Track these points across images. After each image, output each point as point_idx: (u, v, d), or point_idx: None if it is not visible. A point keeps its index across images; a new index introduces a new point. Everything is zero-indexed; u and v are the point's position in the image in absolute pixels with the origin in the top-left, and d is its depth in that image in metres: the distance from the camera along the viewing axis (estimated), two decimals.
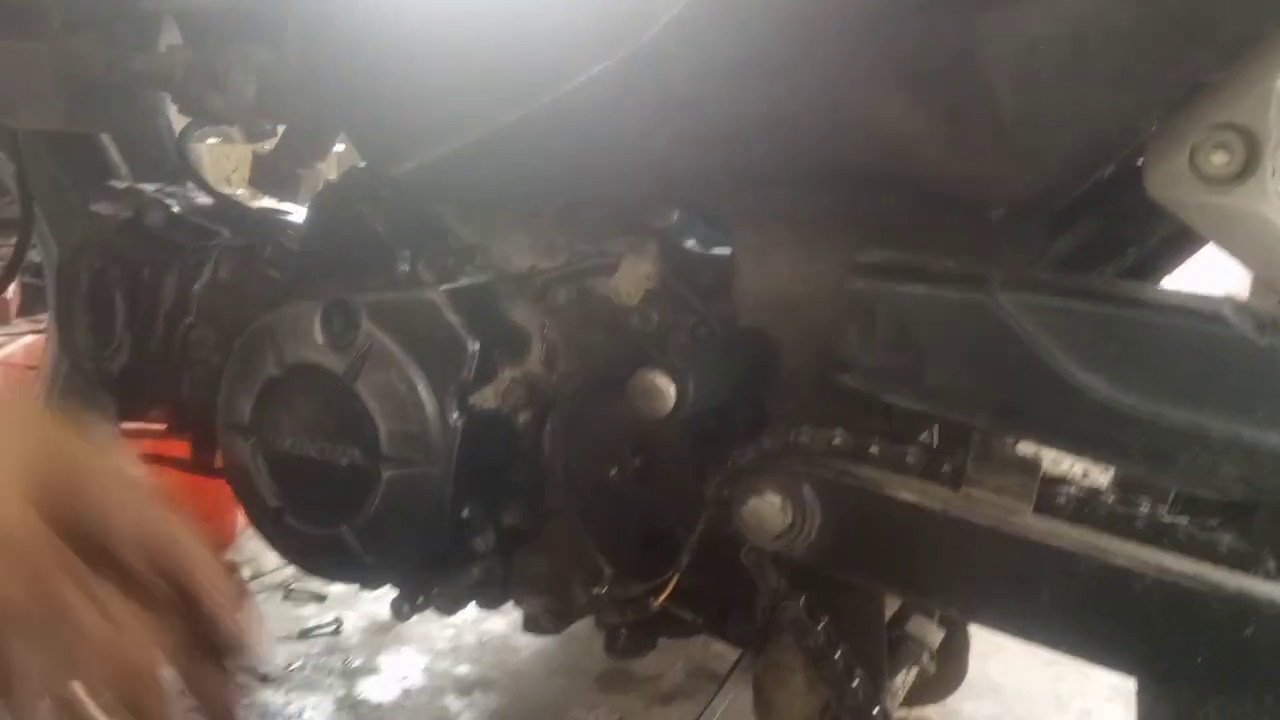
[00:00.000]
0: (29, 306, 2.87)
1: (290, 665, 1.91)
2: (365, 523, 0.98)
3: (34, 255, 1.60)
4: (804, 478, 0.84)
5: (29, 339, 2.44)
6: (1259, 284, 0.73)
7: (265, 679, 1.86)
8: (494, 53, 0.84)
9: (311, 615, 2.01)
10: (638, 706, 1.92)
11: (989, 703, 2.04)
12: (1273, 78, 0.64)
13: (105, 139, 1.44)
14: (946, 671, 1.18)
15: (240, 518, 1.12)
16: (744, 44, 0.75)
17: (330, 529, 1.00)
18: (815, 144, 0.80)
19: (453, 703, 1.88)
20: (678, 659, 2.02)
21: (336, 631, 1.97)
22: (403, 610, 1.01)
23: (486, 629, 2.10)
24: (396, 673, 1.94)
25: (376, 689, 1.88)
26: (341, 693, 1.86)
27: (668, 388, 0.79)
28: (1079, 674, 1.83)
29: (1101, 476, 1.03)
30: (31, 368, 2.15)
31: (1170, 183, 0.68)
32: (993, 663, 2.10)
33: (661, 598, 0.95)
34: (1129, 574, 0.74)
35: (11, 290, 2.78)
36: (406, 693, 1.89)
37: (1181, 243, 0.85)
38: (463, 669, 1.99)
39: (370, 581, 1.04)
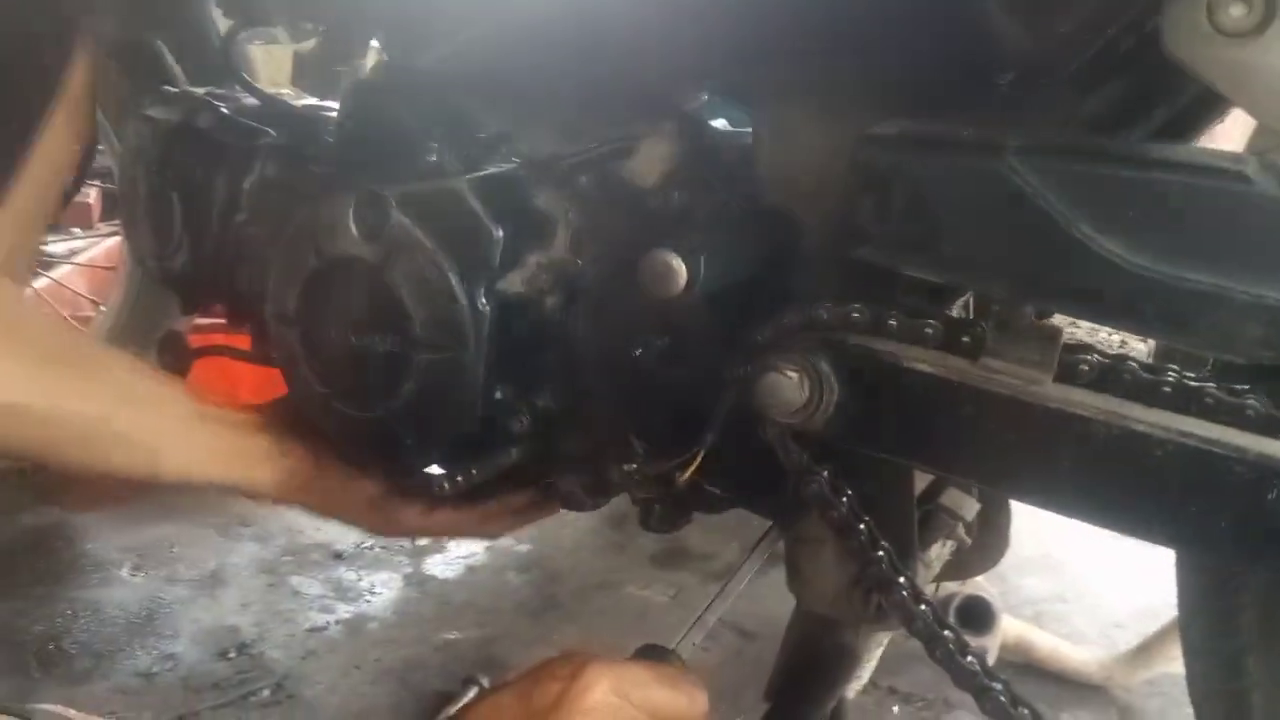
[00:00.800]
0: (110, 211, 2.95)
1: (361, 544, 1.99)
2: (404, 406, 1.01)
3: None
4: (821, 352, 0.84)
5: (110, 242, 2.52)
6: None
7: (338, 556, 1.95)
8: None
9: None
10: (692, 582, 1.97)
11: (1051, 578, 2.05)
12: None
13: (160, 46, 1.47)
14: (986, 544, 1.19)
15: None
16: None
17: (372, 413, 1.03)
18: (824, 9, 0.78)
19: (513, 578, 1.95)
20: (732, 538, 2.06)
21: None
22: (444, 486, 1.04)
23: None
24: (460, 552, 2.02)
25: (441, 566, 1.97)
26: (409, 570, 1.94)
27: (679, 267, 0.79)
28: (1142, 552, 1.82)
29: (1142, 346, 1.01)
30: (111, 268, 2.23)
31: (1188, 38, 0.65)
32: (1054, 539, 2.10)
33: (687, 474, 0.96)
34: (1149, 440, 0.73)
35: (93, 195, 2.85)
36: (470, 569, 1.97)
37: (1212, 102, 0.82)
38: (523, 548, 2.06)
39: (412, 460, 1.07)
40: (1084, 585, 2.04)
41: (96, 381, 0.98)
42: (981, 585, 1.61)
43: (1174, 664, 1.63)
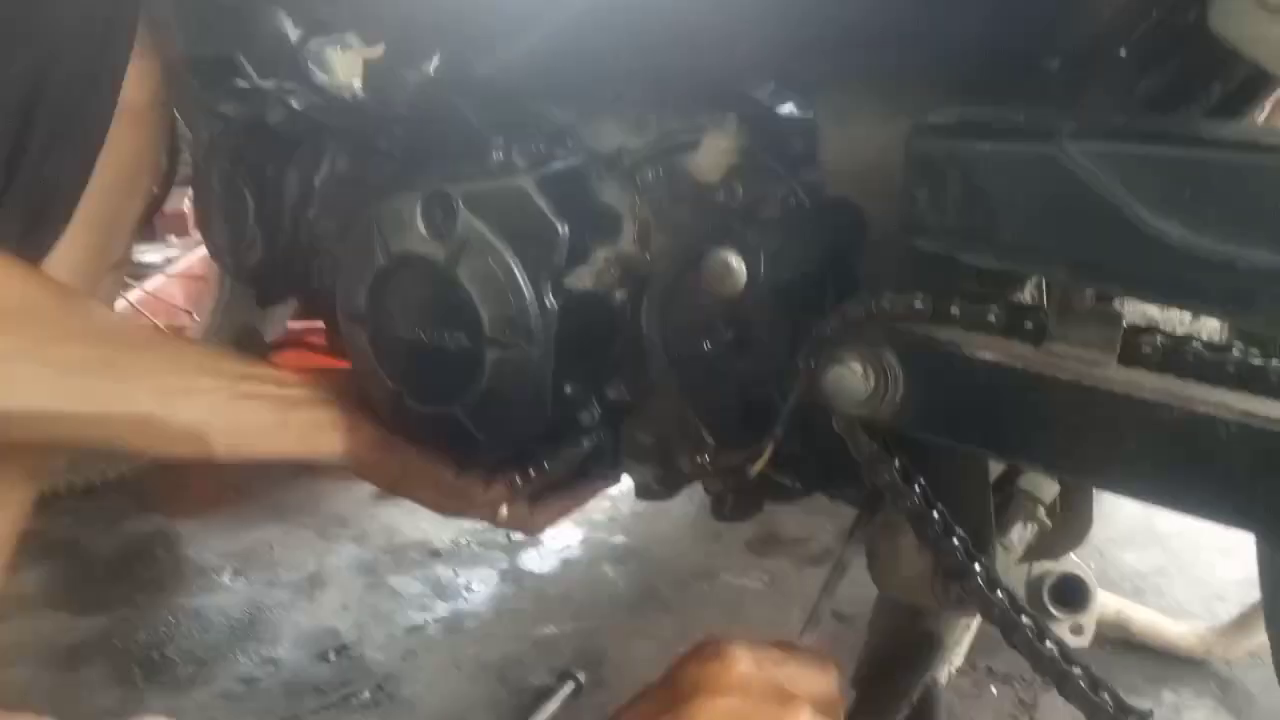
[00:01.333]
0: None
1: (458, 540, 2.04)
2: (475, 402, 1.04)
3: None
4: (885, 342, 0.84)
5: (204, 250, 2.59)
6: None
7: (435, 554, 1.99)
8: None
9: None
10: (787, 568, 1.98)
11: (1152, 552, 2.02)
12: None
13: (239, 56, 1.51)
14: (1069, 524, 1.17)
15: None
16: None
17: (444, 409, 1.06)
18: (868, 7, 0.78)
19: (609, 570, 1.98)
20: (826, 520, 2.07)
21: None
22: (517, 483, 1.06)
23: (639, 503, 2.19)
24: (556, 545, 2.05)
25: (537, 561, 2.00)
26: (505, 565, 1.98)
27: (739, 267, 0.80)
28: None
29: (1214, 323, 0.99)
30: (203, 277, 2.30)
31: (1233, 16, 0.64)
32: (1156, 512, 2.05)
33: (757, 466, 0.97)
34: (1213, 421, 0.72)
35: (187, 202, 2.94)
36: (566, 563, 2.00)
37: (1266, 77, 0.80)
38: (618, 539, 2.08)
39: (485, 456, 1.09)
40: (1185, 557, 2.00)
41: (134, 375, 1.01)
42: (1077, 562, 1.59)
43: None
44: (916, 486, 0.91)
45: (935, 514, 0.92)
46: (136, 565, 1.98)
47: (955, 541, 0.92)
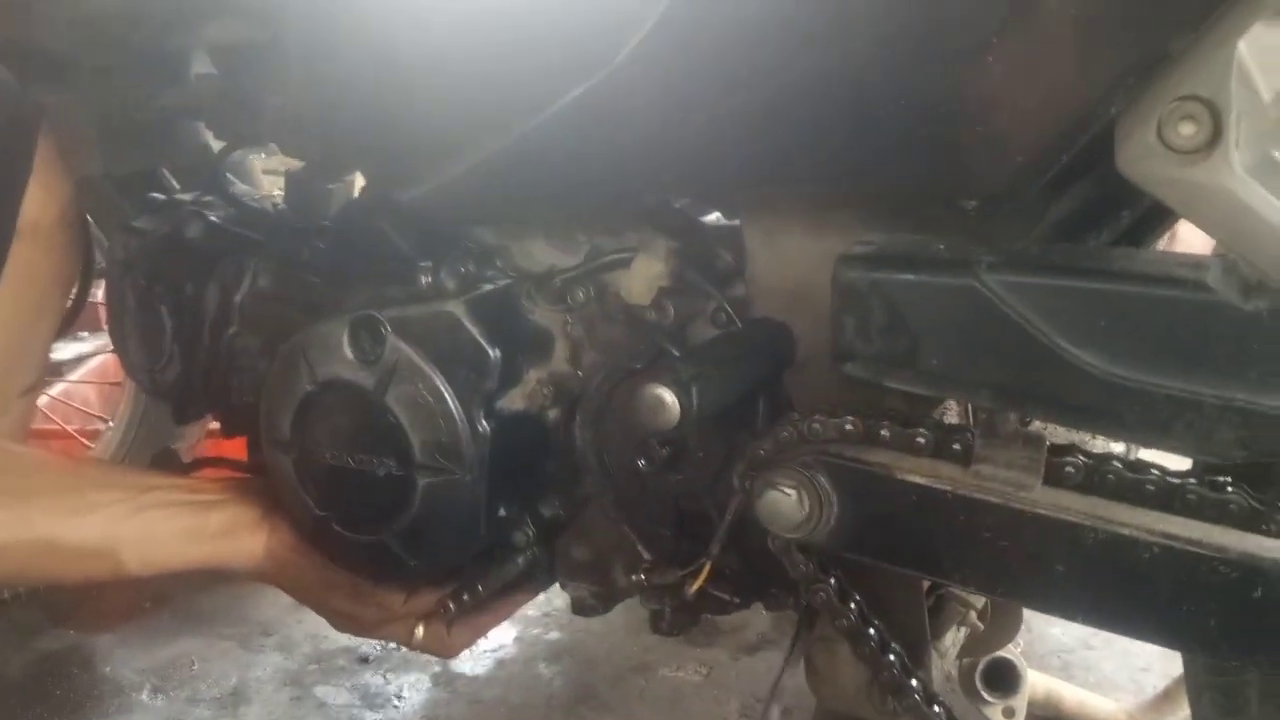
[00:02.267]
0: None
1: (387, 646, 1.99)
2: (405, 528, 1.02)
3: None
4: (819, 466, 0.85)
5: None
6: None
7: (364, 660, 1.95)
8: (477, 84, 0.86)
9: None
10: (724, 658, 1.97)
11: (1074, 626, 2.03)
12: (1231, 45, 0.62)
13: (162, 171, 1.49)
14: (999, 623, 1.19)
15: None
16: (714, 59, 0.76)
17: (373, 535, 1.04)
18: (795, 145, 0.81)
19: (544, 670, 1.95)
20: (761, 608, 2.06)
21: None
22: (450, 607, 1.05)
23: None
24: (489, 645, 2.01)
25: (470, 663, 1.96)
26: (437, 669, 1.94)
27: (672, 402, 0.81)
28: None
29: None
30: (117, 383, 2.24)
31: (1140, 157, 0.67)
32: None
33: (695, 585, 0.97)
34: (1136, 543, 0.74)
35: (100, 294, 2.87)
36: (500, 663, 1.97)
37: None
38: (553, 635, 2.06)
39: (416, 582, 1.08)
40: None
41: (29, 499, 0.99)
42: (1007, 647, 1.61)
43: None
44: (853, 604, 0.92)
45: (871, 630, 0.92)
46: (50, 684, 1.90)
47: (892, 657, 0.93)
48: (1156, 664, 1.90)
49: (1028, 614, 2.08)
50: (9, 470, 0.99)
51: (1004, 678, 1.59)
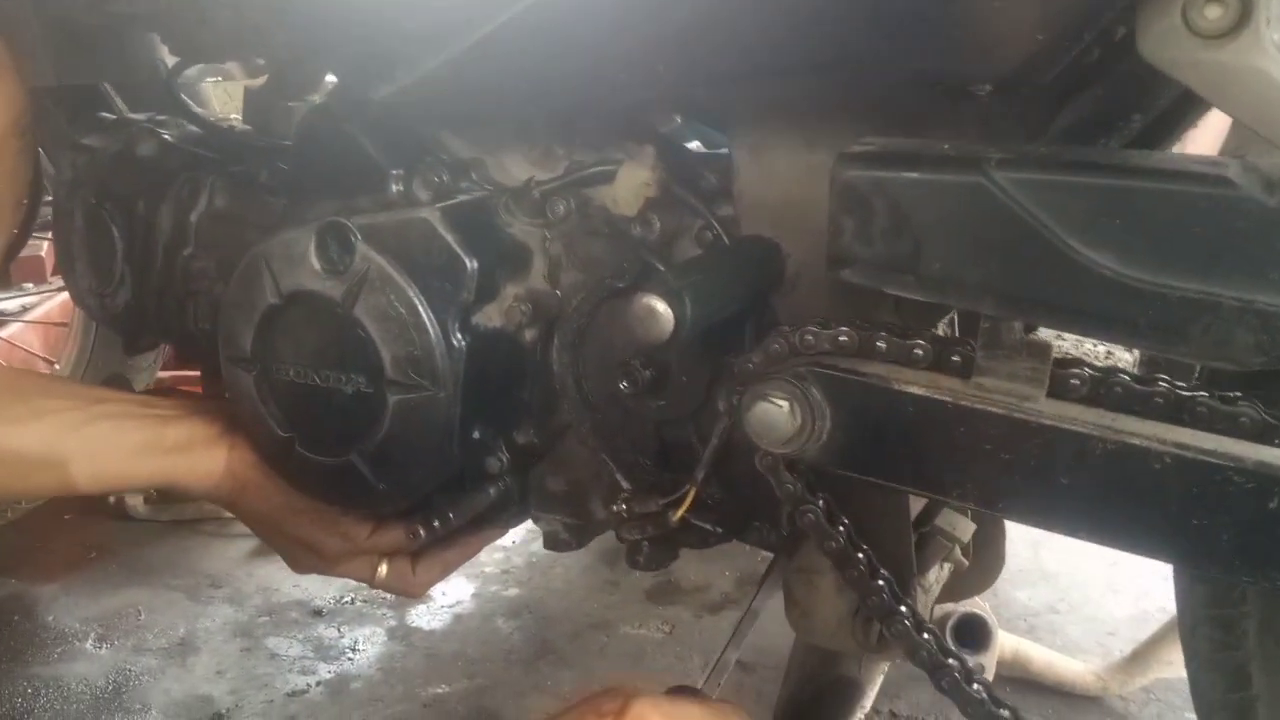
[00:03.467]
0: None
1: (341, 599, 1.94)
2: (375, 449, 0.98)
3: None
4: (811, 378, 0.82)
5: (64, 296, 2.45)
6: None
7: (317, 613, 1.90)
8: None
9: None
10: (687, 617, 1.94)
11: (1043, 590, 2.04)
12: None
13: (105, 86, 1.42)
14: (983, 563, 1.17)
15: None
16: None
17: (340, 457, 1.00)
18: (792, 31, 0.76)
19: (503, 625, 1.91)
20: (725, 567, 2.04)
21: None
22: (420, 533, 1.00)
23: (535, 550, 2.13)
24: (447, 600, 1.97)
25: (427, 617, 1.92)
26: (393, 623, 1.89)
27: (665, 312, 0.77)
28: (1132, 558, 1.83)
29: (1128, 355, 1.00)
30: (64, 324, 2.17)
31: (1164, 42, 0.64)
32: (1045, 550, 2.10)
33: (680, 511, 0.94)
34: (1146, 453, 0.72)
35: (45, 247, 2.79)
36: (458, 618, 1.93)
37: (1187, 107, 0.81)
38: (512, 591, 2.02)
39: (384, 508, 1.03)
40: (1076, 595, 2.03)
41: None
42: (976, 602, 1.60)
43: (1168, 670, 1.64)
44: (841, 527, 0.89)
45: (860, 555, 0.89)
46: None
47: (880, 583, 0.90)
48: (1123, 629, 1.90)
49: None
50: None
51: (974, 633, 1.58)
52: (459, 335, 0.94)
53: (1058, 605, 1.99)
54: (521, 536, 2.15)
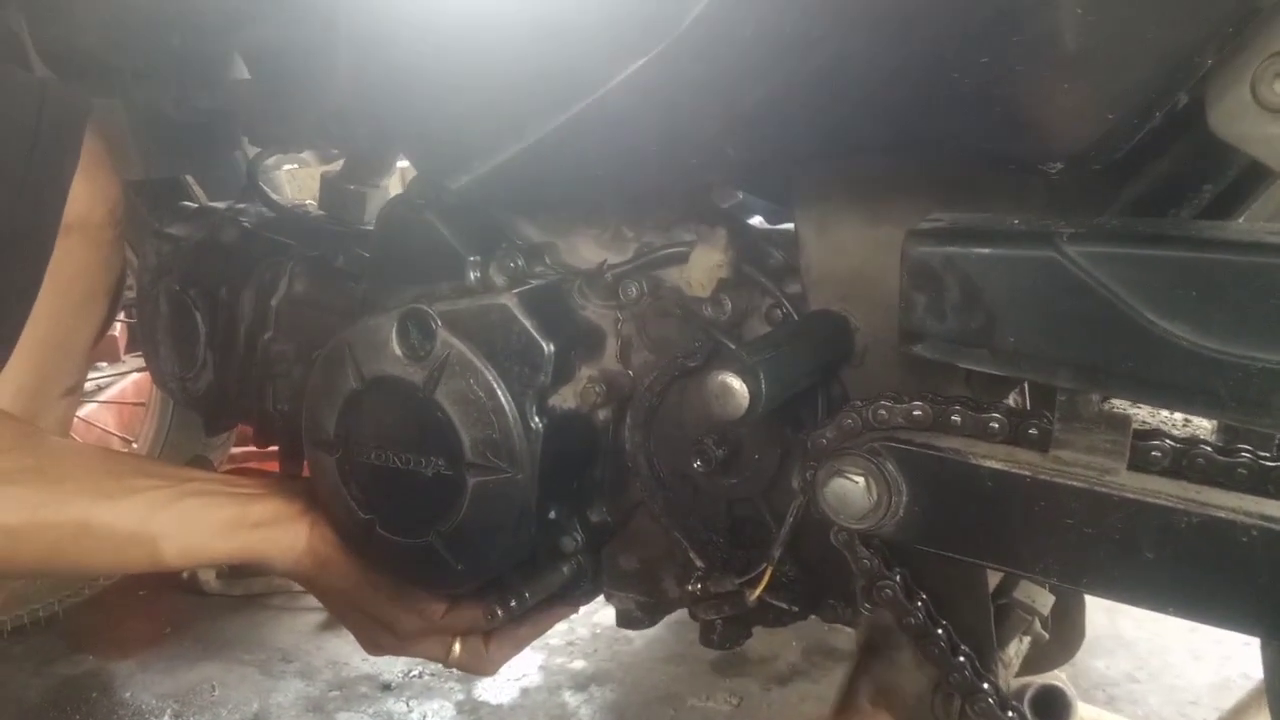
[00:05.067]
0: (137, 343, 2.96)
1: (409, 673, 1.95)
2: (453, 530, 0.99)
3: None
4: (886, 453, 0.82)
5: (137, 375, 2.51)
6: None
7: (386, 687, 1.90)
8: (530, 63, 0.83)
9: None
10: (754, 689, 1.92)
11: (1122, 658, 2.00)
12: None
13: (188, 179, 1.48)
14: (1063, 636, 1.15)
15: None
16: (781, 23, 0.73)
17: (419, 538, 1.01)
18: (865, 114, 0.78)
19: (570, 699, 1.90)
20: (793, 638, 2.02)
21: None
22: (497, 614, 1.01)
23: (600, 620, 2.12)
24: (513, 673, 1.97)
25: (494, 691, 1.92)
26: (460, 696, 1.89)
27: (741, 389, 0.78)
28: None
29: (1206, 424, 0.99)
30: (140, 404, 2.22)
31: (1234, 117, 0.65)
32: (1123, 617, 2.05)
33: (758, 590, 0.94)
34: (1233, 526, 0.71)
35: (118, 327, 2.87)
36: (524, 692, 1.92)
37: (1259, 175, 0.81)
38: (578, 664, 2.01)
39: (461, 587, 1.04)
40: (1156, 662, 1.98)
41: (67, 479, 0.95)
42: (1054, 673, 1.56)
43: None
44: (919, 603, 0.89)
45: (940, 630, 0.89)
46: (69, 710, 1.86)
47: (962, 659, 0.89)
48: (1205, 697, 1.85)
49: None
50: (45, 455, 0.96)
51: (1053, 705, 1.55)
52: (536, 418, 0.95)
53: (1137, 674, 1.95)
54: (587, 607, 2.15)
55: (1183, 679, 1.91)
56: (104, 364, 2.93)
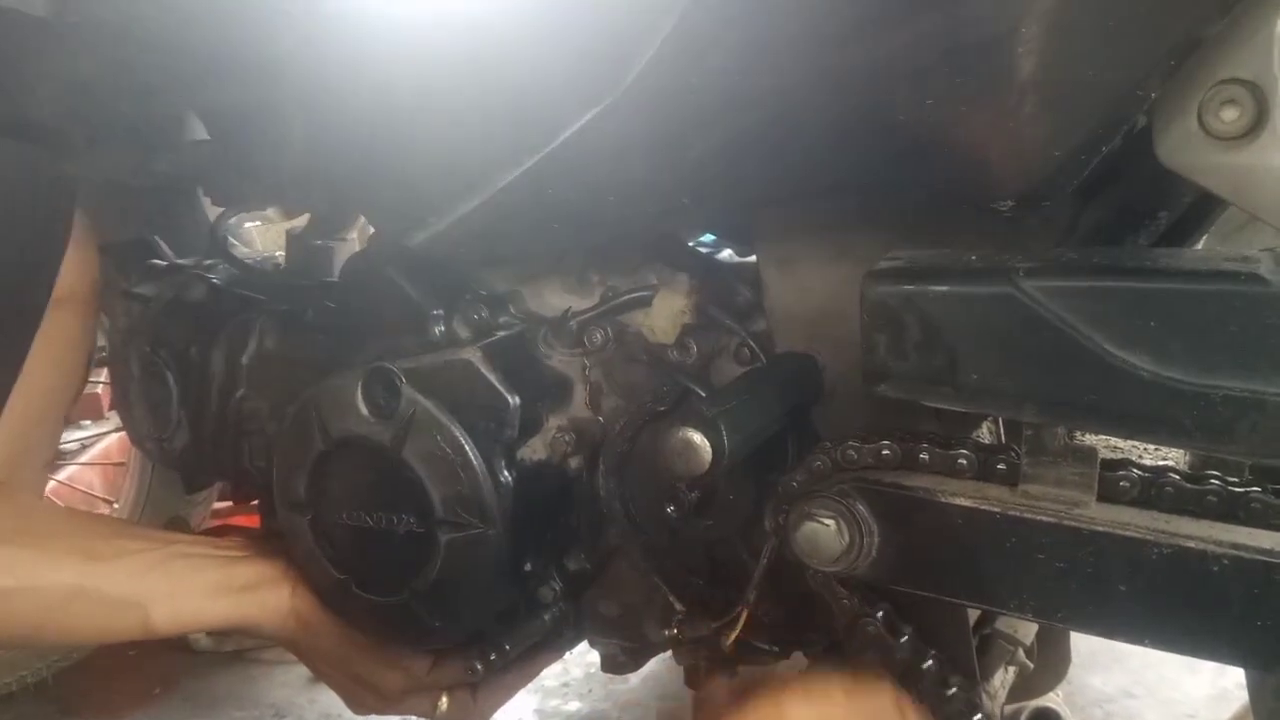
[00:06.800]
0: None
1: None
2: (429, 588, 0.98)
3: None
4: (856, 494, 0.82)
5: (120, 434, 2.49)
6: None
7: None
8: (480, 120, 0.83)
9: None
10: None
11: (1118, 673, 1.98)
12: (1272, 24, 0.60)
13: (156, 239, 1.47)
14: (1049, 663, 1.15)
15: None
16: (731, 71, 0.73)
17: (395, 596, 1.00)
18: (812, 161, 0.78)
19: None
20: (791, 668, 2.00)
21: None
22: (477, 669, 1.00)
23: (593, 660, 2.09)
24: (508, 717, 1.94)
25: None
26: None
27: (702, 444, 0.77)
28: None
29: (1175, 452, 0.99)
30: (121, 464, 2.20)
31: (1182, 147, 0.65)
32: None
33: (733, 634, 0.93)
34: (1203, 555, 0.71)
35: (101, 386, 2.84)
36: None
37: (1214, 201, 0.81)
38: (573, 705, 1.99)
39: (441, 644, 1.03)
40: (1152, 676, 1.97)
41: (55, 541, 0.95)
42: (1048, 694, 1.56)
43: None
44: (904, 638, 0.88)
45: (928, 663, 0.88)
46: None
47: (952, 691, 0.88)
48: (1202, 710, 1.84)
49: None
50: (32, 518, 0.95)
51: None
52: (505, 471, 0.95)
53: (1133, 689, 1.93)
54: (580, 648, 2.13)
55: (1179, 692, 1.90)
56: (87, 422, 2.90)
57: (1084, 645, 2.02)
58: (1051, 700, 1.56)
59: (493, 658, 1.00)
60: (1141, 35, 0.64)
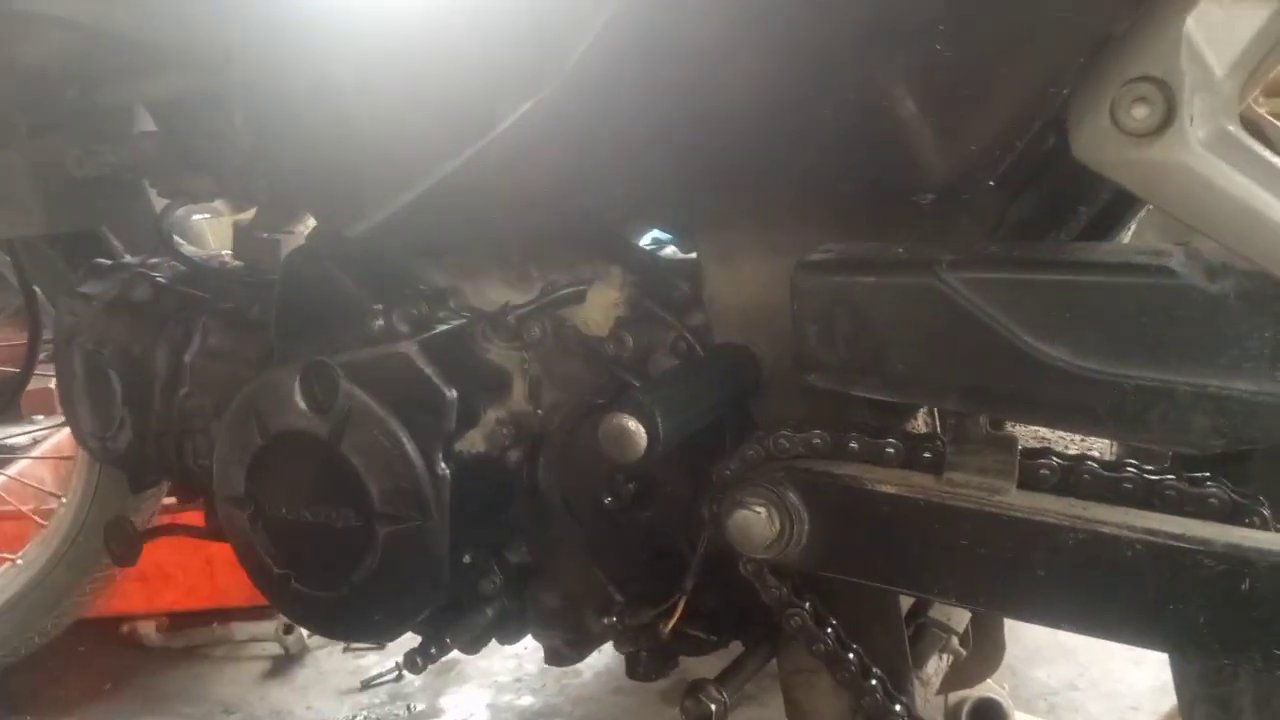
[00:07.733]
0: None
1: (355, 717, 1.93)
2: (368, 581, 0.98)
3: None
4: (786, 483, 0.83)
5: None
6: None
7: None
8: (418, 111, 0.84)
9: (372, 665, 2.03)
10: None
11: (1063, 666, 2.01)
12: (1179, 23, 0.62)
13: (103, 230, 1.46)
14: (983, 651, 1.17)
15: None
16: (665, 60, 0.74)
17: (336, 590, 1.00)
18: (741, 151, 0.79)
19: None
20: (730, 659, 2.01)
21: (398, 678, 1.98)
22: (417, 662, 1.01)
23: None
24: (460, 713, 1.95)
25: None
26: None
27: (637, 430, 0.78)
28: None
29: (1101, 442, 1.01)
30: (70, 458, 2.17)
31: (1096, 143, 0.66)
32: None
33: (670, 624, 0.94)
34: (1117, 541, 0.72)
35: (54, 380, 2.80)
36: None
37: (1130, 198, 0.83)
38: (526, 700, 2.00)
39: (383, 637, 1.04)
40: (1097, 669, 2.00)
41: None
42: (992, 686, 1.58)
43: None
44: (829, 629, 0.89)
45: (851, 655, 0.89)
46: None
47: (874, 682, 0.90)
48: (1145, 702, 1.87)
49: (1010, 657, 2.06)
50: None
51: (989, 717, 1.57)
52: (443, 464, 0.95)
53: (1077, 681, 1.96)
54: (533, 643, 2.14)
55: (1123, 684, 1.93)
56: (39, 417, 2.87)
57: (1029, 639, 2.04)
58: (995, 692, 1.58)
59: (432, 650, 1.01)
60: (1053, 34, 0.66)
